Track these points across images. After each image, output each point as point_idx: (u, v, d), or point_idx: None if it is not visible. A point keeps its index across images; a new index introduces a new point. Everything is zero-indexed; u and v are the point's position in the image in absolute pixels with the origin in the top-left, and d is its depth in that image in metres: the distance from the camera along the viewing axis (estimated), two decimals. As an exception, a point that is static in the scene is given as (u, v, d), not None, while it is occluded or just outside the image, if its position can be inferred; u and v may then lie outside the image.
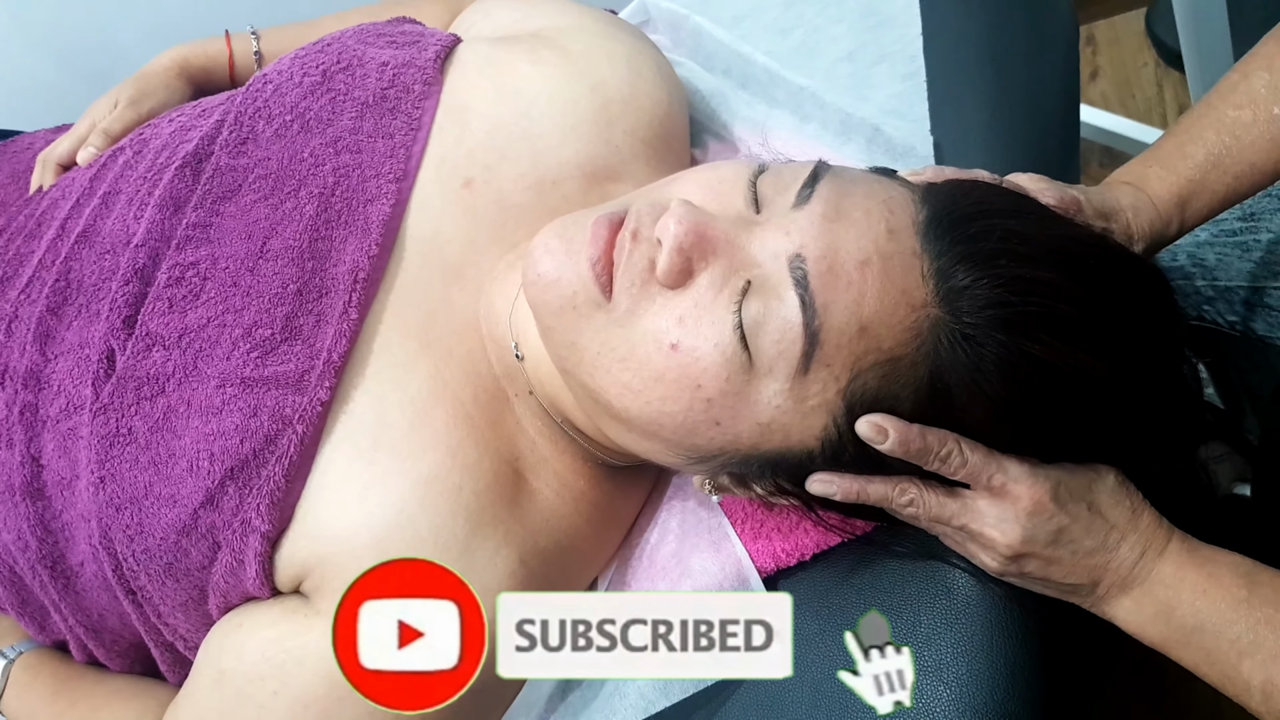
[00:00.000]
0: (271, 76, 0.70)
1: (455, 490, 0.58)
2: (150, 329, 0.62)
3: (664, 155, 0.72)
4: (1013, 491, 0.52)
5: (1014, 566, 0.54)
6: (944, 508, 0.54)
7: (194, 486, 0.58)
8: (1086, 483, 0.54)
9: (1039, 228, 0.54)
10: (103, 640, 0.68)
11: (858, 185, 0.54)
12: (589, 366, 0.55)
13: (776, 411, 0.52)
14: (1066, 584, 0.54)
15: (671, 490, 0.71)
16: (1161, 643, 0.53)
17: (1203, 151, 0.62)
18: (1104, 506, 0.54)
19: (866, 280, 0.50)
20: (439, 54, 0.71)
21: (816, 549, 0.65)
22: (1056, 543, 0.53)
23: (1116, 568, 0.53)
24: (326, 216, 0.64)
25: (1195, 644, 0.52)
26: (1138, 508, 0.54)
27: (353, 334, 0.61)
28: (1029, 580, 0.55)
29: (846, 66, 0.83)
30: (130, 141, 0.76)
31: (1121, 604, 0.54)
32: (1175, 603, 0.52)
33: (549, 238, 0.55)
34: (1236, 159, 0.62)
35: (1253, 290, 0.70)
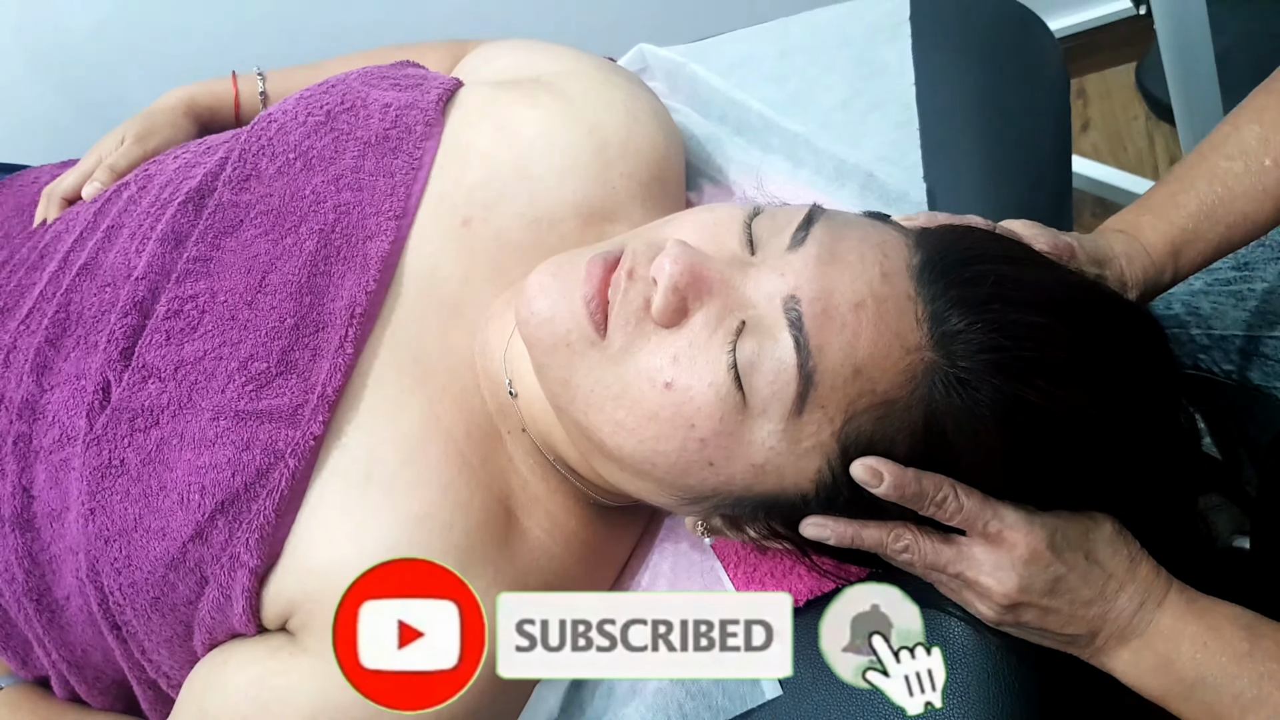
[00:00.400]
0: (276, 115, 0.71)
1: (446, 528, 0.58)
2: (146, 361, 0.62)
3: (659, 198, 0.73)
4: (1009, 539, 0.52)
5: (1010, 616, 0.53)
6: (939, 554, 0.53)
7: (183, 520, 0.58)
8: (1083, 531, 0.54)
9: (1033, 273, 0.54)
10: (85, 676, 0.67)
11: (852, 229, 0.54)
12: (582, 404, 0.55)
13: (770, 453, 0.53)
14: (1064, 634, 0.54)
15: (664, 532, 0.71)
16: (1162, 696, 0.52)
17: (1195, 201, 0.63)
18: (1101, 556, 0.53)
19: (861, 322, 0.51)
20: (441, 96, 0.72)
21: (810, 595, 0.64)
22: (1053, 592, 0.52)
23: (1115, 618, 0.53)
24: (326, 252, 0.65)
25: (1197, 698, 0.51)
26: (1135, 557, 0.54)
27: (348, 369, 0.61)
28: (1026, 630, 0.55)
29: (840, 114, 0.84)
30: (135, 177, 0.77)
31: (1120, 655, 0.53)
32: (1175, 655, 0.52)
33: (543, 276, 0.56)
34: (1229, 209, 0.62)
35: (1248, 339, 0.71)
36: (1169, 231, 0.63)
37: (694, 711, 0.62)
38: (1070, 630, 0.53)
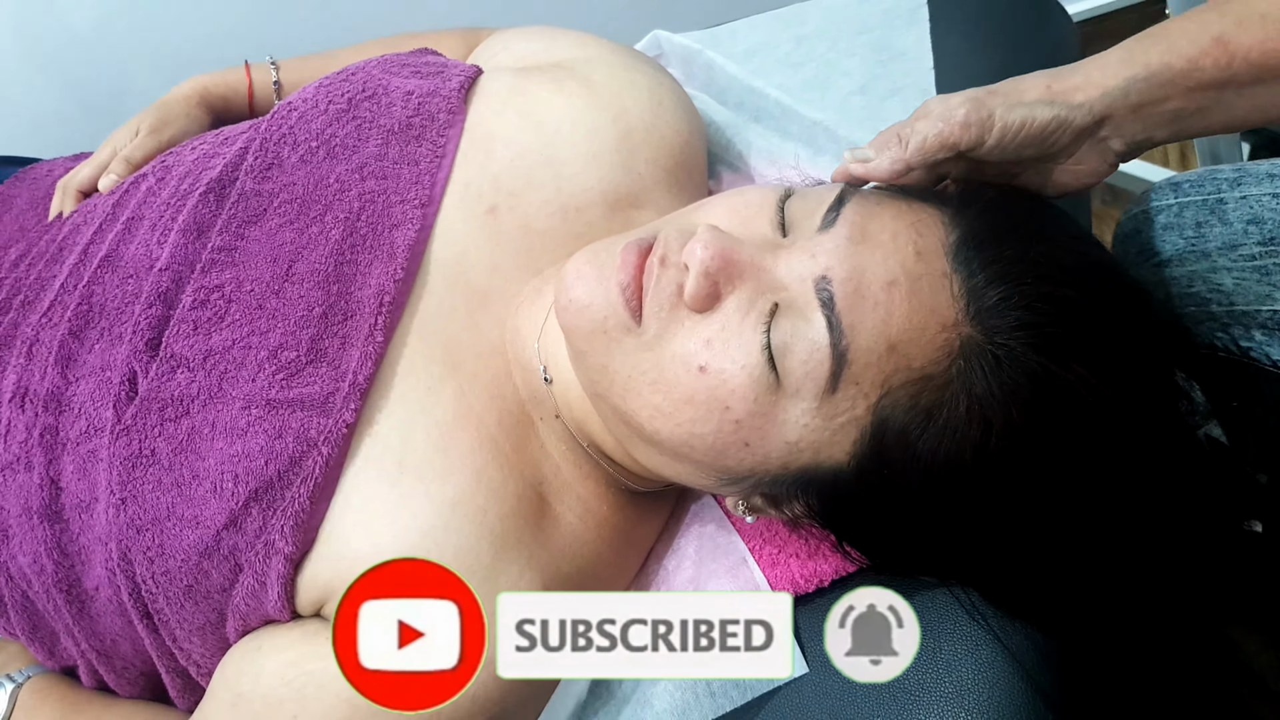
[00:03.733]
0: (296, 104, 0.71)
1: (480, 513, 0.58)
2: (175, 351, 0.62)
3: (684, 183, 0.73)
4: None
5: None
6: None
7: (217, 508, 0.58)
8: None
9: (1069, 248, 0.55)
10: (114, 666, 0.67)
11: (885, 207, 0.55)
12: (620, 390, 0.55)
13: (805, 430, 0.53)
14: None
15: (690, 516, 0.71)
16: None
17: None
18: None
19: (894, 300, 0.51)
20: (463, 84, 0.72)
21: (835, 575, 0.65)
22: None
23: None
24: (352, 241, 0.65)
25: None
26: None
27: (378, 357, 0.62)
28: None
29: (859, 100, 0.84)
30: (153, 168, 0.76)
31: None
32: None
33: (581, 264, 0.56)
34: None
35: (1272, 313, 0.71)
36: None
37: (721, 689, 0.63)
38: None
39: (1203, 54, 0.53)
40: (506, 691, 0.57)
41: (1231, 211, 0.74)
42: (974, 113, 0.54)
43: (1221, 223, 0.74)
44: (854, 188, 0.56)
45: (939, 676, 0.60)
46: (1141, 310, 0.56)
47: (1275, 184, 0.73)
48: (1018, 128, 0.54)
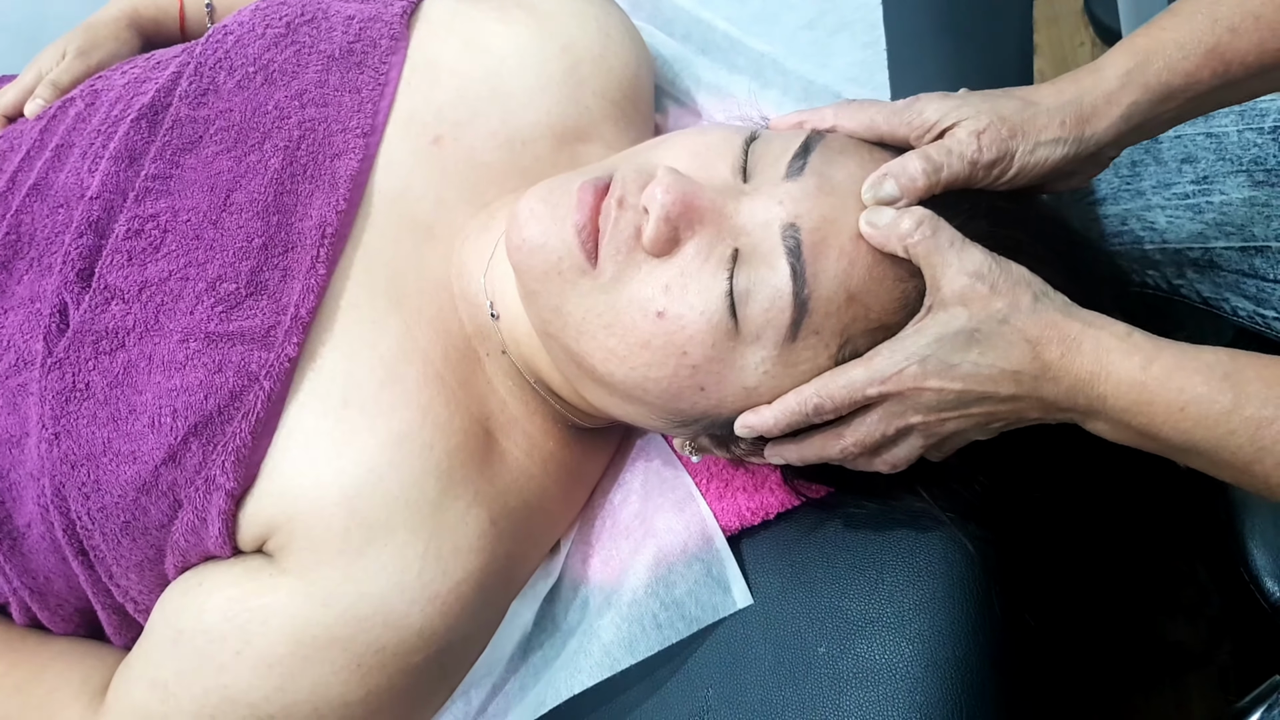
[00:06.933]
0: (232, 28, 0.69)
1: (426, 449, 0.58)
2: (109, 282, 0.60)
3: (632, 117, 0.72)
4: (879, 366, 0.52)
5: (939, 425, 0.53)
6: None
7: (155, 443, 0.57)
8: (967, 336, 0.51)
9: (1026, 209, 0.56)
10: (47, 603, 0.66)
11: (849, 157, 0.55)
12: (574, 332, 0.55)
13: (765, 377, 0.54)
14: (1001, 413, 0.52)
15: (636, 451, 0.71)
16: (1163, 453, 0.50)
17: None
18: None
19: (859, 251, 0.52)
20: (405, 9, 0.70)
21: (781, 508, 0.66)
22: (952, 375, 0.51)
23: (1053, 402, 0.51)
24: (292, 170, 0.63)
25: (1194, 461, 0.49)
26: (1042, 340, 0.50)
27: (320, 290, 0.60)
28: (978, 430, 0.54)
29: (807, 34, 0.84)
30: (81, 93, 0.73)
31: (1097, 428, 0.52)
32: (1155, 429, 0.49)
33: (533, 202, 0.55)
34: None
35: (1204, 250, 0.73)
36: None
37: (668, 621, 0.64)
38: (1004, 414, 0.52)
39: (1199, 68, 0.53)
40: (452, 624, 0.58)
41: (1166, 151, 0.75)
42: (999, 158, 0.53)
43: (1156, 162, 0.75)
44: (819, 134, 0.56)
45: (881, 607, 0.62)
46: (1084, 252, 0.58)
47: (1209, 123, 0.74)
48: (1034, 168, 0.54)
